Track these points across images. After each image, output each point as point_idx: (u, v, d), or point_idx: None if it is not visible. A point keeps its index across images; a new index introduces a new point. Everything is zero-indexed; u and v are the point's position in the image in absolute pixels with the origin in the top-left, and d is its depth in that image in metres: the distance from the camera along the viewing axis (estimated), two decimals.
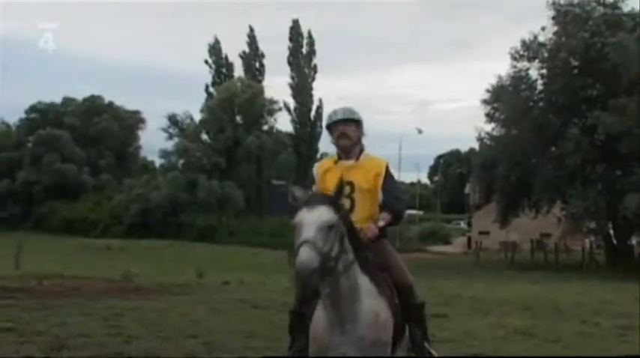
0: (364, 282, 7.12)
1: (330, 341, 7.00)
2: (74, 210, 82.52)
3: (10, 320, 16.82)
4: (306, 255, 6.25)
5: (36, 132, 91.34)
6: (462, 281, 33.48)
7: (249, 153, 79.59)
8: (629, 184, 43.80)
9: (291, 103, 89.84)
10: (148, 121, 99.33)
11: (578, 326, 18.02)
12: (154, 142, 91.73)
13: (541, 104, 48.66)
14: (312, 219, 6.55)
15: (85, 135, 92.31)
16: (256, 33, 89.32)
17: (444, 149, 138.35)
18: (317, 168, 8.32)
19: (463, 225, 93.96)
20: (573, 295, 26.04)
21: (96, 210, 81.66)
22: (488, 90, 50.77)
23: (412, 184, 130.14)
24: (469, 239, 75.91)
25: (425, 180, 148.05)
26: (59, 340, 13.99)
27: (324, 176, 8.08)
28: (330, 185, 7.54)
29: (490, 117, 51.53)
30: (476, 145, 59.68)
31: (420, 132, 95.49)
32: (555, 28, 48.36)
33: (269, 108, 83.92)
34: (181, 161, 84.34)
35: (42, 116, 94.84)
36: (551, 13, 48.13)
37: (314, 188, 7.94)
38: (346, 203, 7.56)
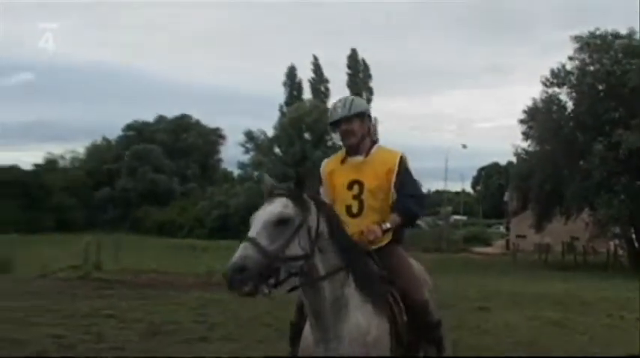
0: (355, 295, 5.71)
1: (315, 355, 5.70)
2: (164, 214, 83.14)
3: (111, 308, 17.13)
4: (238, 254, 5.05)
5: (132, 147, 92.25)
6: (501, 279, 33.31)
7: (316, 165, 79.13)
8: None
9: None
10: (228, 137, 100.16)
11: (604, 319, 17.98)
12: (233, 155, 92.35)
13: (570, 124, 48.35)
14: (263, 213, 5.36)
15: (175, 148, 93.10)
16: (321, 61, 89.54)
17: (485, 162, 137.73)
18: (324, 167, 6.84)
19: (502, 229, 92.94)
20: (600, 291, 25.92)
21: (183, 214, 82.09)
22: (524, 111, 50.83)
23: (457, 193, 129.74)
24: (507, 241, 75.26)
25: (469, 189, 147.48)
26: (154, 326, 14.19)
27: (330, 178, 6.65)
28: (338, 188, 6.47)
29: (526, 135, 51.49)
30: (513, 159, 59.25)
31: (464, 147, 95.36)
32: (581, 57, 48.17)
33: (333, 129, 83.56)
34: (256, 173, 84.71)
35: (137, 133, 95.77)
36: (576, 45, 48.01)
37: (321, 189, 6.69)
38: (354, 205, 6.34)
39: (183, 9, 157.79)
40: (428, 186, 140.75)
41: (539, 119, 49.61)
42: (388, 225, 6.16)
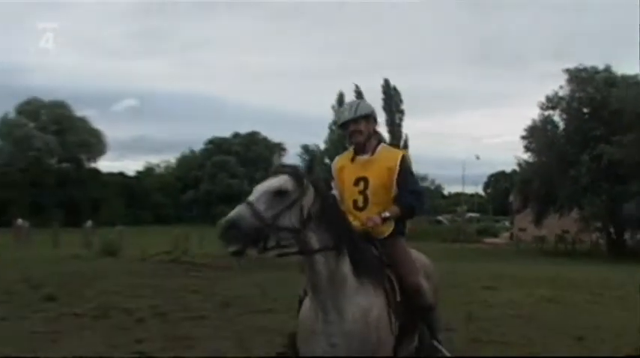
0: (351, 274, 5.08)
1: (313, 327, 5.08)
2: None
3: (196, 285, 17.44)
4: (234, 212, 4.60)
5: (212, 158, 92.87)
6: (505, 264, 33.20)
7: None
8: (624, 196, 43.81)
9: (387, 138, 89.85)
10: (288, 150, 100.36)
11: (587, 296, 17.88)
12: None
13: (562, 140, 48.31)
14: (264, 184, 4.88)
15: (246, 159, 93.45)
16: (362, 88, 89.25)
17: (494, 170, 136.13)
18: (335, 164, 6.22)
19: (507, 223, 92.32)
20: (584, 274, 25.73)
21: None
22: (525, 130, 50.77)
23: (472, 195, 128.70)
24: (511, 234, 74.56)
25: (481, 192, 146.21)
26: (229, 299, 14.36)
27: (340, 174, 6.06)
28: (347, 183, 5.90)
29: (526, 148, 51.33)
30: (517, 168, 58.86)
31: (477, 158, 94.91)
32: (570, 87, 48.33)
33: None
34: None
35: (216, 146, 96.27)
36: (566, 76, 48.31)
37: (333, 183, 6.08)
38: (360, 200, 5.79)
39: (255, 50, 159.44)
40: (449, 189, 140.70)
41: (537, 136, 49.59)
42: (387, 214, 5.68)
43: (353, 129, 5.91)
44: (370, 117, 6.00)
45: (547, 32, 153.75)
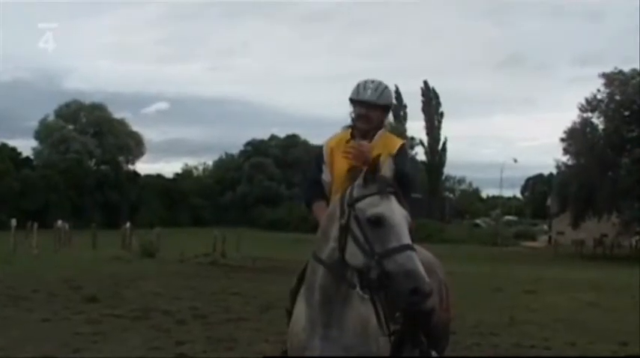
0: (358, 280, 4.15)
1: (307, 342, 4.39)
2: (275, 213, 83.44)
3: (235, 287, 17.48)
4: (424, 272, 3.73)
5: (250, 160, 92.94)
6: (545, 267, 33.00)
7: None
8: None
9: (425, 140, 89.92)
10: None
11: (629, 299, 17.76)
12: None
13: (601, 142, 48.04)
14: (401, 217, 4.01)
15: (284, 161, 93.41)
16: (401, 89, 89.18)
17: (529, 173, 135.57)
18: (327, 147, 5.18)
19: (545, 227, 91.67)
20: (624, 278, 25.52)
21: (289, 213, 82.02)
22: (564, 132, 50.71)
23: (509, 198, 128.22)
24: (550, 237, 74.09)
25: (518, 194, 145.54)
26: (267, 302, 14.34)
27: (331, 158, 5.06)
28: (338, 172, 4.87)
29: (565, 151, 51.18)
30: (554, 171, 58.62)
31: (515, 161, 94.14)
32: (608, 90, 48.21)
33: (410, 143, 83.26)
34: None
35: (254, 148, 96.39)
36: (602, 80, 48.41)
37: (324, 167, 5.12)
38: None
39: (290, 55, 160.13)
40: (486, 192, 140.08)
41: (577, 138, 49.39)
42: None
43: (365, 114, 5.02)
44: (388, 108, 5.24)
45: (574, 38, 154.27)
